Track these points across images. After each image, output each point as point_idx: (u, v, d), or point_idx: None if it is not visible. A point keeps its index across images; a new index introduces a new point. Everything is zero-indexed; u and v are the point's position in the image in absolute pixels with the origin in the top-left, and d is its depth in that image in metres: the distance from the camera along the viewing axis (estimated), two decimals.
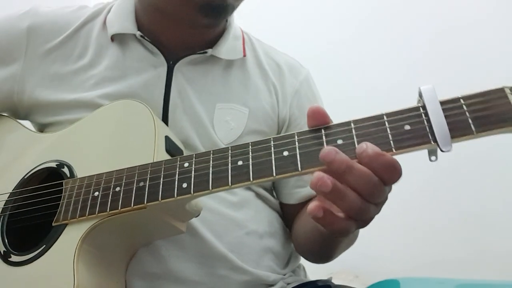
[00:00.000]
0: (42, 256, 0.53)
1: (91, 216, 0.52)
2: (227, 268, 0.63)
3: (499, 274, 1.54)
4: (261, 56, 0.75)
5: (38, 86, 0.67)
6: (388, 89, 1.77)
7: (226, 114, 0.68)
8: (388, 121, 0.43)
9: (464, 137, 0.39)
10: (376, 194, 0.41)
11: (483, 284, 0.51)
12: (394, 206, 1.88)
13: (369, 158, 0.40)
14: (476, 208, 1.66)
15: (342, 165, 0.40)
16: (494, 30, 1.69)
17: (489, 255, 1.61)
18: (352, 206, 0.40)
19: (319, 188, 0.39)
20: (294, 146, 0.45)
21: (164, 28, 0.67)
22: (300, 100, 0.75)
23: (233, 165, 0.47)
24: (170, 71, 0.67)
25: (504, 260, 1.56)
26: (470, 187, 1.65)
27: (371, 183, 0.40)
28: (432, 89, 0.42)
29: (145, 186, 0.50)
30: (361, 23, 1.94)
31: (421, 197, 1.73)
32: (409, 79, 1.72)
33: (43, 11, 0.71)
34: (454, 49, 1.74)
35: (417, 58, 1.80)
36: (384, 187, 0.41)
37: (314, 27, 2.00)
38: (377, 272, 1.52)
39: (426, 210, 1.73)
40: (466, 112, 0.40)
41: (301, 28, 2.01)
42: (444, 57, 1.75)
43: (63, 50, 0.68)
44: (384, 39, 1.89)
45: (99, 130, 0.60)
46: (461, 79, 1.59)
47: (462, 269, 1.60)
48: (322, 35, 1.97)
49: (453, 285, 0.48)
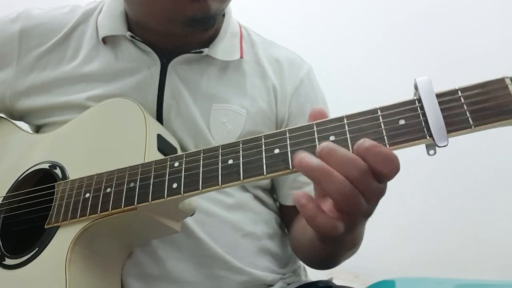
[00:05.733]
0: (35, 259, 0.53)
1: (82, 218, 0.51)
2: (224, 268, 0.62)
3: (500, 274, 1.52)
4: (260, 53, 0.72)
5: (31, 90, 0.66)
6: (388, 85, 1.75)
7: (222, 115, 0.65)
8: (382, 115, 0.41)
9: (461, 131, 0.37)
10: (364, 181, 0.37)
11: (483, 284, 0.49)
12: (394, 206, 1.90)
13: (364, 148, 0.37)
14: (476, 208, 1.64)
15: (324, 149, 0.38)
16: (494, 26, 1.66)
17: (489, 255, 1.60)
18: (339, 189, 0.37)
19: (303, 166, 0.37)
20: (285, 144, 0.44)
21: (157, 32, 0.64)
22: (299, 98, 0.71)
23: (223, 164, 0.46)
24: (164, 70, 0.64)
25: (504, 260, 1.54)
26: (470, 187, 1.64)
27: (358, 167, 0.37)
28: (428, 81, 0.40)
29: (136, 187, 0.49)
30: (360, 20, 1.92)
31: (421, 197, 1.72)
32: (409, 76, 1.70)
33: (35, 13, 0.69)
34: (455, 46, 1.72)
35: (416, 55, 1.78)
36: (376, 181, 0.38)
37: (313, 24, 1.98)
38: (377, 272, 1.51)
39: (427, 210, 1.73)
40: (464, 104, 0.37)
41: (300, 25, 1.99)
42: (444, 53, 1.72)
43: (56, 53, 0.67)
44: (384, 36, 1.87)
45: (90, 130, 0.60)
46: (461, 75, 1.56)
47: (462, 269, 1.59)
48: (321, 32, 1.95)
49: (453, 285, 0.46)
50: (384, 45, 1.86)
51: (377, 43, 1.87)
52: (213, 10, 0.59)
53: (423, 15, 1.81)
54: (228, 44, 0.68)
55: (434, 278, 0.49)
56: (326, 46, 1.92)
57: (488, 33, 1.67)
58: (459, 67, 1.66)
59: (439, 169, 1.57)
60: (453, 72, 1.63)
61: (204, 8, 0.58)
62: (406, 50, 1.82)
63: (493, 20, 1.68)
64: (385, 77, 1.82)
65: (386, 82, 1.79)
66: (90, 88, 0.64)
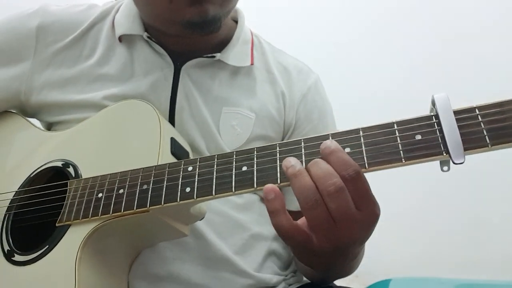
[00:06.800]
0: (45, 257, 0.53)
1: (94, 218, 0.52)
2: (231, 271, 0.63)
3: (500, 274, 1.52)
4: (270, 60, 0.73)
5: (46, 86, 0.67)
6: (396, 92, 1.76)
7: (232, 118, 0.67)
8: (399, 129, 0.41)
9: (478, 150, 0.37)
10: (333, 193, 0.39)
11: (482, 284, 0.50)
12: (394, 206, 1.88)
13: (329, 150, 0.41)
14: (476, 208, 1.64)
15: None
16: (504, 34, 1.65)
17: (489, 255, 1.59)
18: (303, 191, 0.40)
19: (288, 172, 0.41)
20: (300, 153, 0.44)
21: (168, 34, 0.66)
22: (306, 105, 0.73)
23: (237, 170, 0.46)
24: (177, 73, 0.66)
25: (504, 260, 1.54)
26: (470, 187, 1.63)
27: (328, 175, 0.40)
28: (446, 98, 0.40)
29: (148, 189, 0.50)
30: (369, 25, 1.92)
31: (421, 197, 1.71)
32: (416, 82, 1.71)
33: (53, 10, 0.70)
34: (464, 51, 1.71)
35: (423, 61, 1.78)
36: (348, 199, 0.40)
37: (321, 29, 1.99)
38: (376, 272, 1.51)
39: (426, 211, 1.73)
40: (481, 123, 0.38)
41: (308, 30, 2.00)
42: (454, 59, 1.72)
43: (72, 50, 0.68)
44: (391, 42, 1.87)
45: (105, 130, 0.60)
46: (470, 82, 1.57)
47: (461, 269, 1.59)
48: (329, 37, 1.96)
49: (453, 285, 0.47)
50: (392, 49, 1.87)
51: (385, 48, 1.87)
52: (211, 14, 0.59)
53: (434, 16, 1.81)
54: (239, 51, 0.70)
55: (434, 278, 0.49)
56: (335, 50, 1.93)
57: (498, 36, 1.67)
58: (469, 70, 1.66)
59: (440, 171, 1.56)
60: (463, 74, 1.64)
61: (201, 12, 0.59)
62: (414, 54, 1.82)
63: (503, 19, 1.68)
64: (394, 83, 1.82)
65: (395, 88, 1.79)
66: (107, 87, 0.65)
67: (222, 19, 0.62)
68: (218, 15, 0.61)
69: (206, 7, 0.59)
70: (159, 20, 0.63)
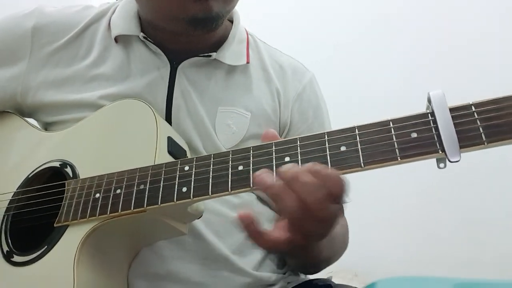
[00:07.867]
0: (44, 257, 0.53)
1: (92, 218, 0.52)
2: (229, 270, 0.63)
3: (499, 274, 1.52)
4: (265, 59, 0.74)
5: (42, 86, 0.67)
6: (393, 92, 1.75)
7: (228, 117, 0.67)
8: (394, 127, 0.41)
9: (474, 147, 0.37)
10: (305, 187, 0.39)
11: (482, 283, 0.49)
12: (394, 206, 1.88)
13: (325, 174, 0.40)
14: (476, 207, 1.64)
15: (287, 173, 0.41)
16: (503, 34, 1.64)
17: (488, 254, 1.60)
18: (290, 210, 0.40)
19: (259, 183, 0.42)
20: (296, 152, 0.44)
21: (166, 32, 0.66)
22: (301, 104, 0.73)
23: (233, 170, 0.46)
24: (173, 72, 0.66)
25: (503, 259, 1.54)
26: (469, 186, 1.63)
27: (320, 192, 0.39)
28: (441, 95, 0.40)
29: (145, 190, 0.50)
30: (367, 26, 1.91)
31: (421, 197, 1.72)
32: (415, 82, 1.70)
33: (49, 11, 0.70)
34: (462, 52, 1.71)
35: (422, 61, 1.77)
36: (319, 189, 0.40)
37: (319, 30, 1.98)
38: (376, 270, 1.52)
39: (425, 210, 1.73)
40: (477, 120, 0.37)
41: (306, 30, 1.99)
42: (451, 59, 1.72)
43: (68, 51, 0.68)
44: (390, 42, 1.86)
45: (102, 130, 0.60)
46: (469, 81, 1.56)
47: (461, 268, 1.59)
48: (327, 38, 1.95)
49: (452, 284, 0.47)
50: (390, 49, 1.86)
51: (384, 48, 1.87)
52: (215, 11, 0.60)
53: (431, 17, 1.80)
54: (235, 50, 0.70)
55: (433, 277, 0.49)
56: (332, 50, 1.92)
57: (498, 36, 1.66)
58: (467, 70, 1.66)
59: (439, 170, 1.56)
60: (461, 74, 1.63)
61: (205, 8, 0.59)
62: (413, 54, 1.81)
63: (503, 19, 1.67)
64: (391, 83, 1.81)
65: (392, 87, 1.79)
66: (103, 87, 0.65)
67: (224, 17, 0.63)
68: (221, 12, 0.61)
69: (210, 4, 0.59)
70: (161, 16, 0.63)
